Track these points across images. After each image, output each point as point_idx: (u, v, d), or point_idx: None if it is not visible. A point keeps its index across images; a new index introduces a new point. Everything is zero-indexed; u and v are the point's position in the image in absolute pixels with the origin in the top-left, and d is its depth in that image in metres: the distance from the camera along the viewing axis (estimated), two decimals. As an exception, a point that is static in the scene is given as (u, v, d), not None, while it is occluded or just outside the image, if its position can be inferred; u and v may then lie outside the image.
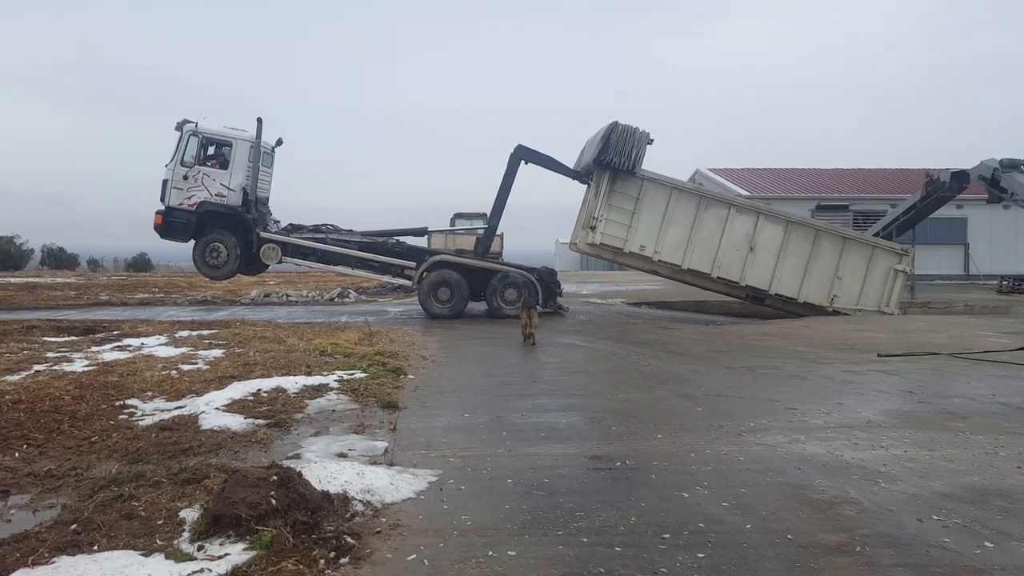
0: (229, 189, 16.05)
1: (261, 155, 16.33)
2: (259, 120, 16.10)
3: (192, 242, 16.27)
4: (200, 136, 16.02)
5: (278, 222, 17.35)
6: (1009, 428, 6.48)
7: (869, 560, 3.73)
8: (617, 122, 15.39)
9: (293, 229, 16.84)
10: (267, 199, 17.37)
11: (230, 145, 16.18)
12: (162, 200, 16.10)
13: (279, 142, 17.40)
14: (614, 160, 15.14)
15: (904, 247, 16.87)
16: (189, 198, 15.91)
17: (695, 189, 16.49)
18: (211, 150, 16.25)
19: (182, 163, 15.88)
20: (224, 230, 16.03)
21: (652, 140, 15.57)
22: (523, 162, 16.55)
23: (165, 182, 15.98)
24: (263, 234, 16.20)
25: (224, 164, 16.13)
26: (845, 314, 15.94)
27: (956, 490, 4.80)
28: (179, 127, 16.02)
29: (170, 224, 16.02)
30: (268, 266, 16.95)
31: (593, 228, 15.74)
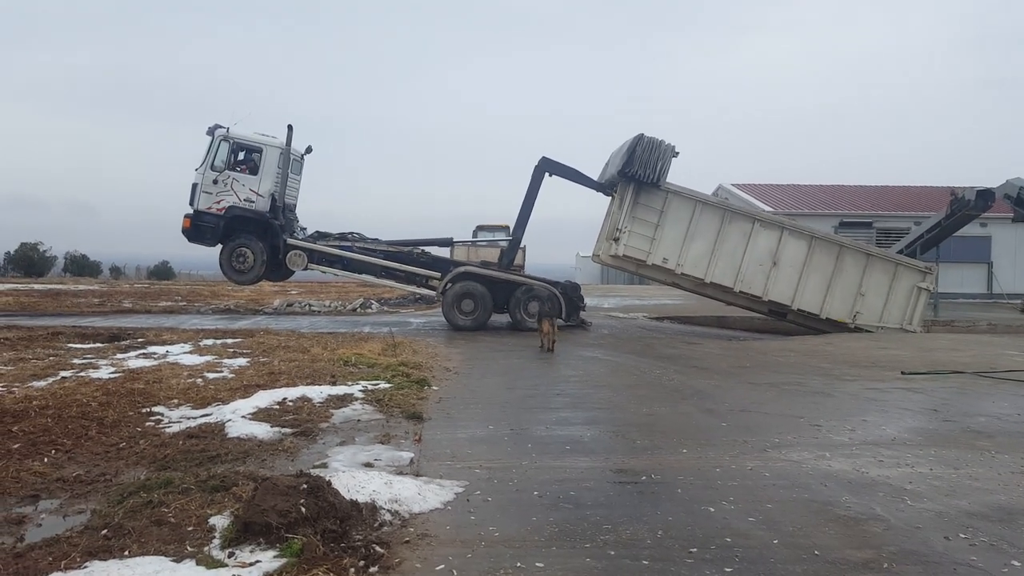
0: (258, 195, 16.20)
1: (291, 162, 16.50)
2: (289, 127, 16.31)
3: (219, 246, 16.42)
4: (231, 141, 16.19)
5: (304, 229, 17.50)
6: (1036, 448, 6.41)
7: (897, 578, 3.72)
8: (643, 134, 15.38)
9: (319, 236, 16.98)
10: (295, 206, 17.53)
11: (260, 151, 16.35)
12: (191, 204, 16.25)
13: (308, 150, 17.59)
14: (639, 172, 15.12)
15: (928, 265, 16.70)
16: (218, 203, 16.06)
17: (719, 203, 16.43)
18: (241, 156, 16.42)
19: (212, 167, 16.04)
20: (251, 235, 16.17)
21: (677, 153, 15.55)
22: (547, 174, 16.61)
23: (195, 186, 16.13)
24: (290, 241, 16.34)
25: (254, 170, 16.29)
26: (867, 331, 15.80)
27: (983, 508, 4.77)
28: (210, 132, 16.18)
29: (198, 228, 16.17)
30: (293, 272, 17.09)
31: (616, 240, 15.70)
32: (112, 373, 9.23)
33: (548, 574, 3.72)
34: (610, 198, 16.27)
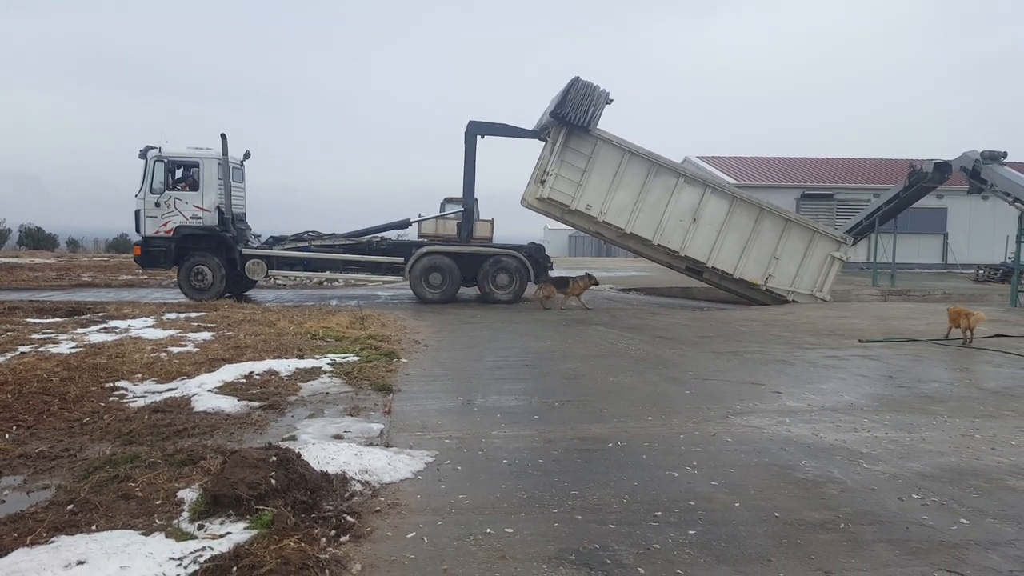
0: (203, 210, 15.85)
1: (231, 171, 16.10)
2: (223, 136, 15.83)
3: (176, 268, 16.11)
4: (165, 161, 15.72)
5: (259, 236, 17.19)
6: (984, 411, 6.68)
7: (852, 536, 3.88)
8: (578, 77, 15.24)
9: (275, 241, 16.67)
10: (244, 215, 17.16)
11: (197, 165, 15.93)
12: (138, 231, 15.96)
13: (247, 155, 17.13)
14: (570, 115, 15.00)
15: (844, 236, 17.02)
16: (164, 225, 15.70)
17: (647, 155, 16.19)
18: (179, 173, 16.00)
19: (151, 191, 15.63)
20: (205, 252, 15.84)
21: (611, 100, 15.49)
22: (479, 136, 16.49)
23: (138, 212, 15.75)
24: (245, 251, 16.01)
25: (194, 185, 15.89)
26: (779, 295, 16.14)
27: (934, 470, 4.97)
28: (143, 154, 15.72)
29: (149, 254, 15.83)
30: (256, 282, 16.81)
31: (543, 183, 15.60)
32: (73, 348, 9.05)
33: (517, 539, 3.80)
34: (544, 143, 16.11)
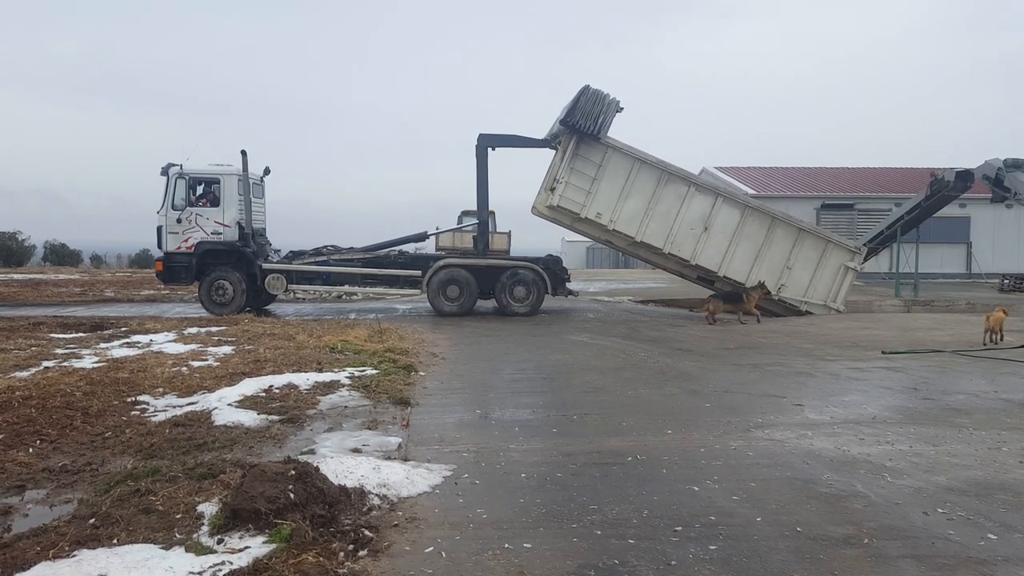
0: (224, 226, 16.06)
1: (251, 187, 16.33)
2: (243, 153, 16.05)
3: (197, 283, 16.29)
4: (187, 177, 15.96)
5: (278, 251, 17.40)
6: (1011, 424, 6.56)
7: (877, 552, 3.81)
8: (588, 86, 15.27)
9: (294, 256, 16.86)
10: (264, 230, 17.36)
11: (218, 182, 16.15)
12: (159, 247, 16.23)
13: (267, 171, 17.36)
14: (580, 123, 15.00)
15: (857, 245, 16.80)
16: (186, 241, 15.94)
17: (657, 163, 16.10)
18: (200, 190, 16.23)
19: (173, 207, 15.87)
20: (226, 267, 16.03)
21: (622, 108, 15.50)
22: (490, 149, 16.57)
23: (159, 229, 16.01)
24: (265, 265, 16.19)
25: (215, 202, 16.11)
26: (791, 304, 15.96)
27: (960, 484, 4.88)
28: (164, 172, 15.97)
29: (171, 269, 16.06)
30: (276, 296, 16.96)
31: (553, 190, 15.57)
32: (96, 362, 9.16)
33: (536, 554, 3.77)
34: (554, 151, 16.08)
